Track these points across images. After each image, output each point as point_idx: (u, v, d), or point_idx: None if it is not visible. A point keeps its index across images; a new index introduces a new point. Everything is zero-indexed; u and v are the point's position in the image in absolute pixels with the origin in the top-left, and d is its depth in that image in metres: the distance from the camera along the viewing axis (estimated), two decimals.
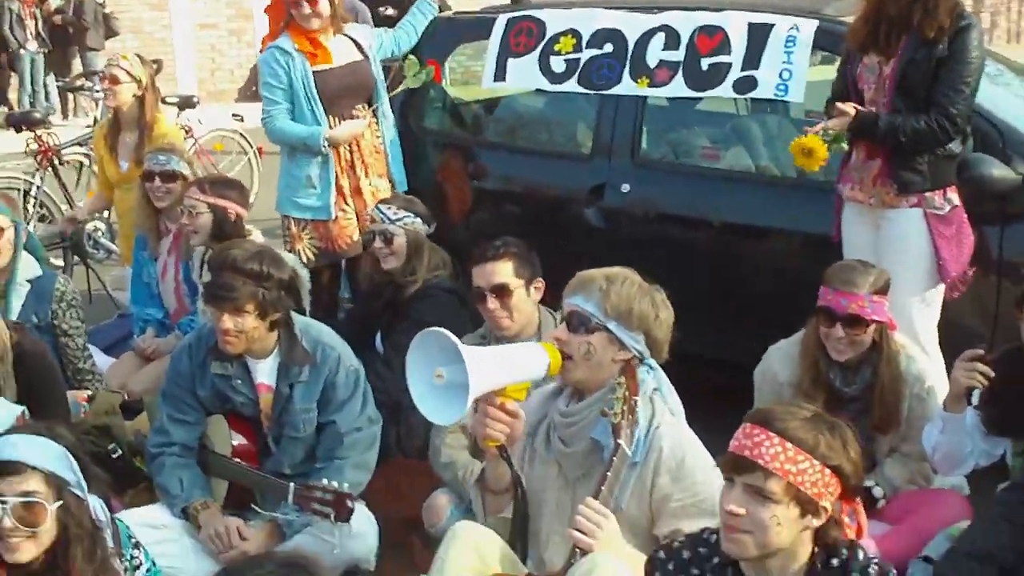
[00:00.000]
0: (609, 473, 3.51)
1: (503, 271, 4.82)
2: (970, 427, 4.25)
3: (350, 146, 6.27)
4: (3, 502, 3.08)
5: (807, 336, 4.63)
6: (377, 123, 6.40)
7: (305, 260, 6.21)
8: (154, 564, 3.56)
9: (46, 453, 3.17)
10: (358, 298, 6.44)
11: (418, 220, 5.62)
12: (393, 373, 5.27)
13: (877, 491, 4.54)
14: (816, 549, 2.97)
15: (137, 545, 3.50)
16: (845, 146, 4.93)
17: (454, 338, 3.44)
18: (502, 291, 4.82)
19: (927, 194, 4.92)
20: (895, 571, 2.97)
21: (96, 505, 3.28)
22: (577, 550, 3.45)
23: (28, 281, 5.51)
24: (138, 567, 3.46)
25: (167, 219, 6.30)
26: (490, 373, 3.45)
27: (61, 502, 3.15)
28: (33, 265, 5.59)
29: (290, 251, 6.26)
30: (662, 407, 3.73)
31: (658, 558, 3.19)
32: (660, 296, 3.80)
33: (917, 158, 4.88)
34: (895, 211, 4.96)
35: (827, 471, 2.89)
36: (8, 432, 3.36)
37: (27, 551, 3.13)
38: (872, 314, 4.46)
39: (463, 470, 4.70)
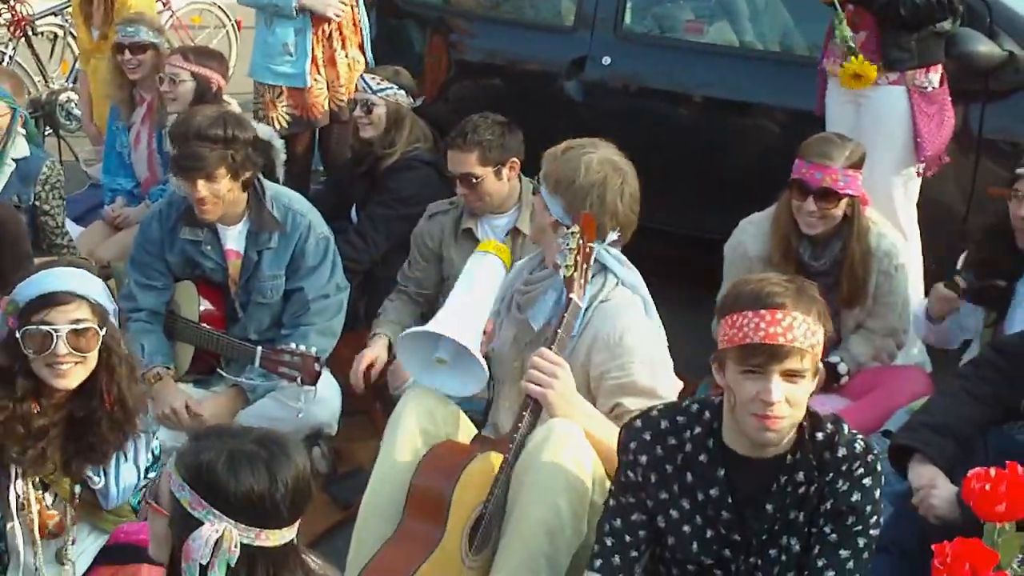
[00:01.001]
0: (560, 330, 3.45)
1: (468, 161, 4.79)
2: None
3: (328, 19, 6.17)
4: (56, 329, 3.16)
5: (779, 209, 4.56)
6: None
7: (278, 127, 6.15)
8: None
9: (90, 283, 3.28)
10: (334, 168, 6.41)
11: (401, 92, 5.57)
12: (366, 243, 5.28)
13: (842, 367, 4.53)
14: (804, 423, 2.95)
15: None
16: (852, 44, 4.86)
17: (425, 329, 3.56)
18: (467, 180, 4.80)
19: (910, 72, 4.85)
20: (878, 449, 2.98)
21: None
22: (527, 406, 3.40)
23: (14, 160, 5.42)
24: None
25: (141, 89, 6.27)
26: (470, 324, 3.52)
27: (106, 328, 3.25)
28: (22, 145, 5.51)
29: (263, 118, 6.21)
30: (611, 284, 3.63)
31: (634, 426, 3.13)
32: (628, 185, 3.66)
33: (906, 35, 4.81)
34: (875, 88, 4.89)
35: (822, 334, 2.90)
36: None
37: (76, 376, 3.23)
38: (845, 188, 4.38)
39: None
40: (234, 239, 4.58)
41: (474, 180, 4.77)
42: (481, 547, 3.41)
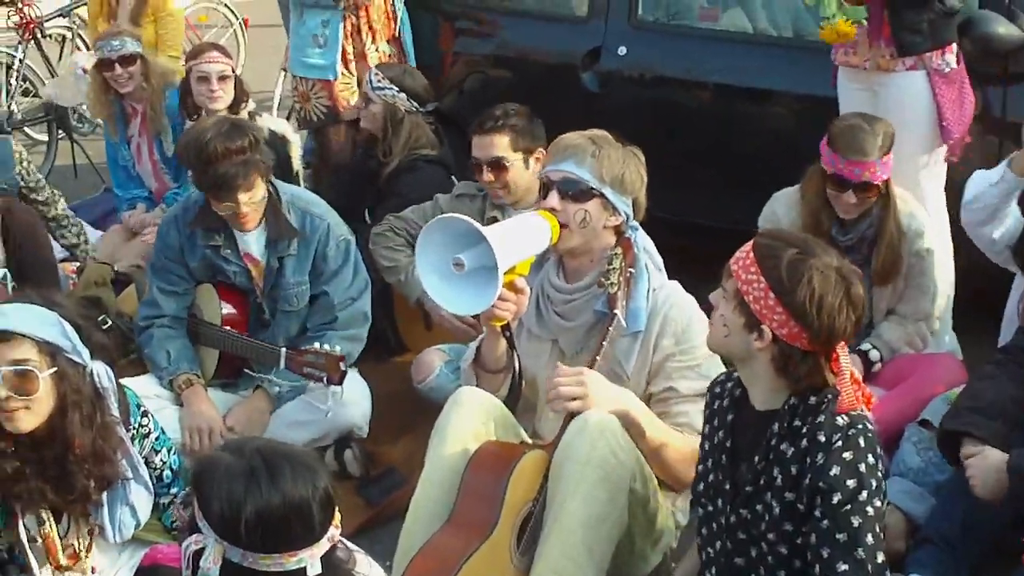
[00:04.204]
0: (605, 343, 3.51)
1: (499, 144, 4.78)
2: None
3: (357, 9, 6.16)
4: None
5: (807, 189, 4.55)
6: None
7: (314, 119, 6.19)
8: (163, 432, 3.52)
9: (37, 320, 3.11)
10: (347, 169, 6.35)
11: (402, 96, 5.55)
12: None
13: (874, 354, 4.51)
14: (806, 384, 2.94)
15: (146, 413, 3.46)
16: (865, 22, 4.84)
17: (470, 220, 3.38)
18: (497, 164, 4.79)
19: (926, 55, 4.79)
20: (870, 425, 2.90)
21: (101, 371, 3.24)
22: (569, 418, 3.43)
23: None
24: (147, 435, 3.43)
25: (131, 101, 6.27)
26: (509, 251, 3.40)
27: (55, 369, 3.10)
28: None
29: (300, 111, 6.23)
30: (652, 268, 3.72)
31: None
32: (640, 158, 3.75)
33: (916, 17, 4.74)
34: (892, 75, 4.84)
35: (772, 297, 2.86)
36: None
37: (25, 420, 3.10)
38: (883, 175, 4.38)
39: (405, 271, 4.94)
40: (252, 245, 4.54)
41: (505, 164, 4.76)
42: (528, 548, 3.40)
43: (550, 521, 3.37)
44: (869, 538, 2.81)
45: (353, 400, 4.48)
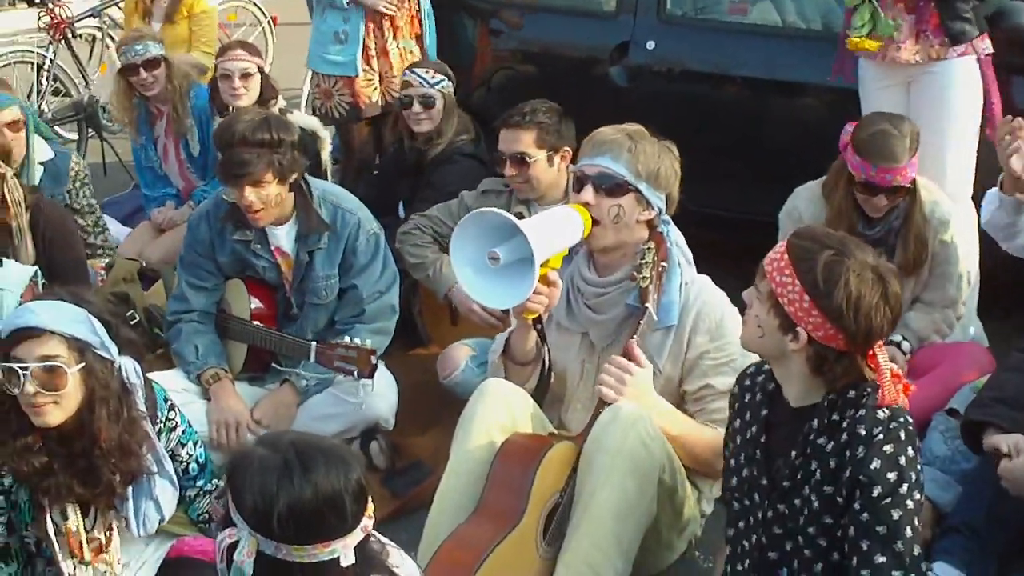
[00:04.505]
0: (636, 337, 3.52)
1: (524, 140, 4.78)
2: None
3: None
4: (24, 367, 3.06)
5: (833, 192, 4.53)
6: None
7: (337, 116, 6.17)
8: (189, 425, 3.54)
9: (65, 316, 3.13)
10: (381, 162, 6.37)
11: (450, 83, 5.59)
12: None
13: (905, 345, 4.48)
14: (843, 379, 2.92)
15: (172, 407, 3.48)
16: (895, 34, 4.83)
17: (506, 213, 3.38)
18: (520, 159, 4.79)
19: (975, 40, 4.82)
20: (910, 418, 2.88)
21: (129, 367, 3.26)
22: (599, 409, 3.44)
23: (41, 164, 5.44)
24: (174, 429, 3.45)
25: (156, 103, 6.31)
26: (544, 243, 3.39)
27: (83, 364, 3.12)
28: (44, 147, 5.52)
29: (321, 107, 6.21)
30: (684, 263, 3.72)
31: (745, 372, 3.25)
32: (674, 152, 3.74)
33: (964, 5, 4.78)
34: (941, 63, 4.83)
35: (807, 300, 2.83)
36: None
37: (54, 415, 3.12)
38: (912, 175, 4.37)
39: (432, 268, 4.94)
40: (281, 239, 4.54)
41: (527, 160, 4.76)
42: (555, 539, 3.40)
43: (579, 511, 3.38)
44: (908, 531, 2.80)
45: (379, 392, 4.47)
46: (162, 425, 3.40)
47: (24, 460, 3.15)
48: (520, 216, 4.73)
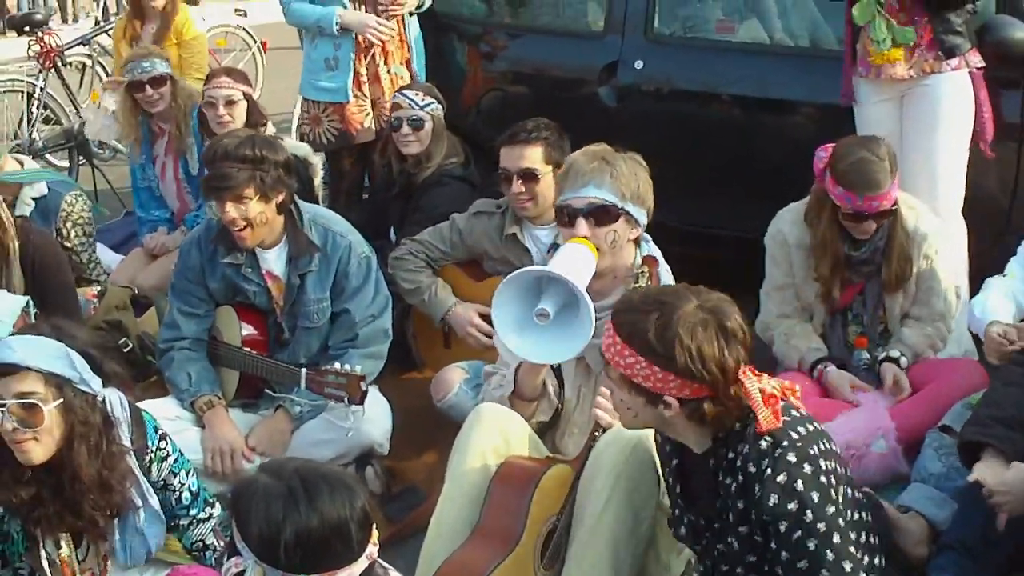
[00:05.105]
0: None
1: (532, 156, 4.78)
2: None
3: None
4: (1, 404, 3.08)
5: (817, 220, 4.51)
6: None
7: (325, 142, 6.15)
8: (181, 454, 3.53)
9: (42, 352, 3.15)
10: (372, 188, 6.37)
11: (440, 106, 5.58)
12: None
13: (903, 361, 4.47)
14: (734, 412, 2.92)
15: (164, 437, 3.48)
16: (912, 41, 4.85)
17: (543, 268, 3.41)
18: (530, 176, 4.78)
19: (967, 54, 4.85)
20: (799, 431, 2.88)
21: (114, 400, 3.28)
22: (596, 433, 3.44)
23: (33, 199, 5.44)
24: (165, 458, 3.45)
25: (159, 121, 6.32)
26: (582, 282, 3.42)
27: (61, 400, 3.13)
28: (40, 185, 5.53)
29: (309, 133, 6.22)
30: (668, 278, 3.76)
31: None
32: (642, 164, 3.79)
33: (956, 19, 4.81)
34: (934, 77, 4.86)
35: (658, 370, 2.83)
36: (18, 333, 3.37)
37: (35, 452, 3.14)
38: (895, 194, 4.37)
39: (427, 292, 4.95)
40: (272, 262, 4.54)
41: (537, 175, 4.75)
42: (552, 562, 3.40)
43: (578, 533, 3.38)
44: (830, 555, 2.80)
45: (374, 417, 4.47)
46: (152, 455, 3.40)
47: (12, 492, 3.16)
48: (513, 238, 4.77)
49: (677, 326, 2.80)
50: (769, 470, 2.81)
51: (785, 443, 2.83)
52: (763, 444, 2.83)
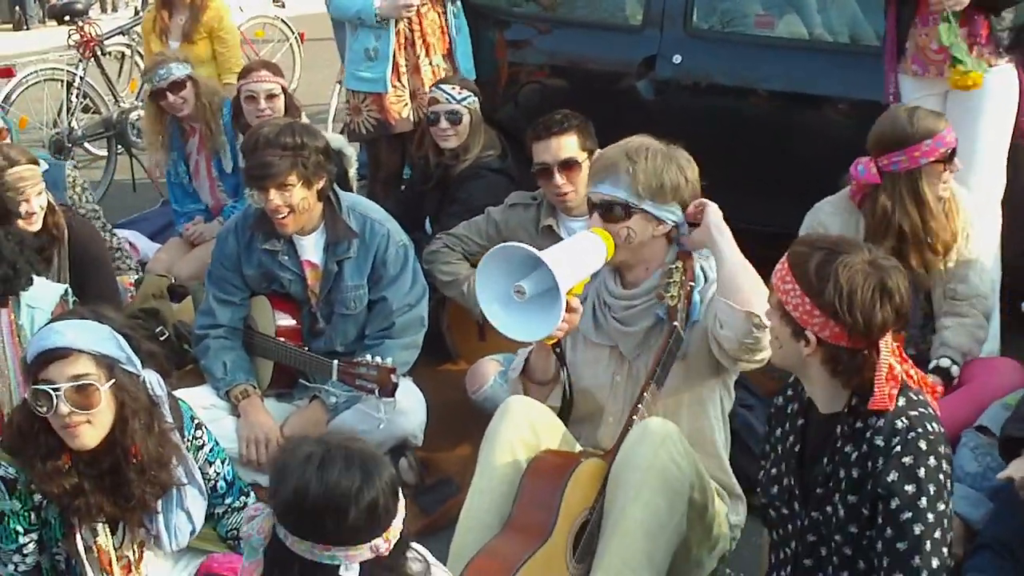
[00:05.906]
0: (664, 354, 3.51)
1: (569, 145, 4.77)
2: None
3: (410, 23, 6.13)
4: (56, 388, 3.06)
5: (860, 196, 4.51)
6: (444, 2, 6.25)
7: (364, 131, 6.17)
8: (217, 443, 3.53)
9: (92, 334, 3.14)
10: (410, 179, 6.38)
11: (476, 99, 5.59)
12: None
13: (955, 369, 4.39)
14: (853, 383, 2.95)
15: (199, 426, 3.47)
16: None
17: (528, 247, 3.37)
18: (570, 165, 4.77)
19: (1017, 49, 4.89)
20: (933, 426, 2.88)
21: (153, 380, 3.27)
22: (630, 425, 3.43)
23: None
24: (201, 447, 3.45)
25: (189, 121, 6.35)
26: (568, 274, 3.38)
27: (113, 380, 3.13)
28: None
29: (350, 123, 6.24)
30: (707, 268, 3.69)
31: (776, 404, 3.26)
32: (683, 156, 3.69)
33: (1007, 14, 4.83)
34: (990, 71, 4.85)
35: (808, 301, 2.87)
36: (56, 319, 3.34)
37: (89, 435, 3.12)
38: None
39: (466, 284, 4.92)
40: (310, 249, 4.57)
41: (578, 163, 4.75)
42: (584, 556, 3.39)
43: (610, 527, 3.36)
44: (928, 545, 2.80)
45: (408, 409, 4.48)
46: (189, 443, 3.40)
47: (54, 482, 3.16)
48: (548, 229, 4.76)
49: (839, 264, 2.86)
50: (899, 447, 2.83)
51: (920, 431, 2.85)
52: (899, 424, 2.86)
